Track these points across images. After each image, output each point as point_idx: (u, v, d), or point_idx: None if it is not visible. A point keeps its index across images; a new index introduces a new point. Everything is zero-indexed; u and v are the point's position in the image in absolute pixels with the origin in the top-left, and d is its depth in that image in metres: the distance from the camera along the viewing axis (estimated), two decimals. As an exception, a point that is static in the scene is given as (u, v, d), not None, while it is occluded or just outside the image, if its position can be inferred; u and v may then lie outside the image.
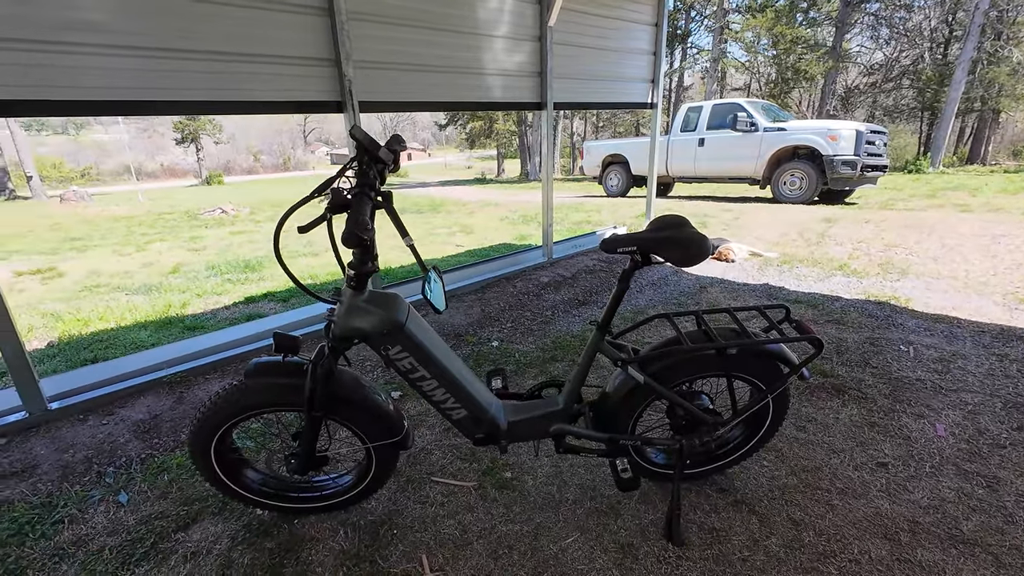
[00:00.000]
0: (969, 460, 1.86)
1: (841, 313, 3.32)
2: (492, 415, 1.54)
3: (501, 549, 1.55)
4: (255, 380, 1.40)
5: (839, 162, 7.74)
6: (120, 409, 2.37)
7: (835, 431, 2.07)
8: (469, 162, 47.98)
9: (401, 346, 1.34)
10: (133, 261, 6.39)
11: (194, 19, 2.43)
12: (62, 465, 2.00)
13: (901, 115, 23.73)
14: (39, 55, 2.10)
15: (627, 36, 4.75)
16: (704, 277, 4.29)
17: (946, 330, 2.99)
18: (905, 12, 20.25)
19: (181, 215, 11.66)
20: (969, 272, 4.08)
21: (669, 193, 11.16)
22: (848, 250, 4.95)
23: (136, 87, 2.35)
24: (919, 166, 14.09)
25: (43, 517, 1.72)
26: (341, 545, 1.57)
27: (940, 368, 2.54)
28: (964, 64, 15.64)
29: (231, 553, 1.56)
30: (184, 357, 2.73)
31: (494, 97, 3.85)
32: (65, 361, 3.08)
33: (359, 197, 1.10)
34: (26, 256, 7.02)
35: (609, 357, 1.50)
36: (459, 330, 3.25)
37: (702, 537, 1.56)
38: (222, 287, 4.77)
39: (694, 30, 26.27)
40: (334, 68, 2.88)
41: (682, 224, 1.35)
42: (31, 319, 3.95)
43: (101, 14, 2.21)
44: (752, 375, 1.54)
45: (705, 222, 6.67)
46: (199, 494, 1.81)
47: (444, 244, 6.50)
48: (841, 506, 1.66)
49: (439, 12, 3.31)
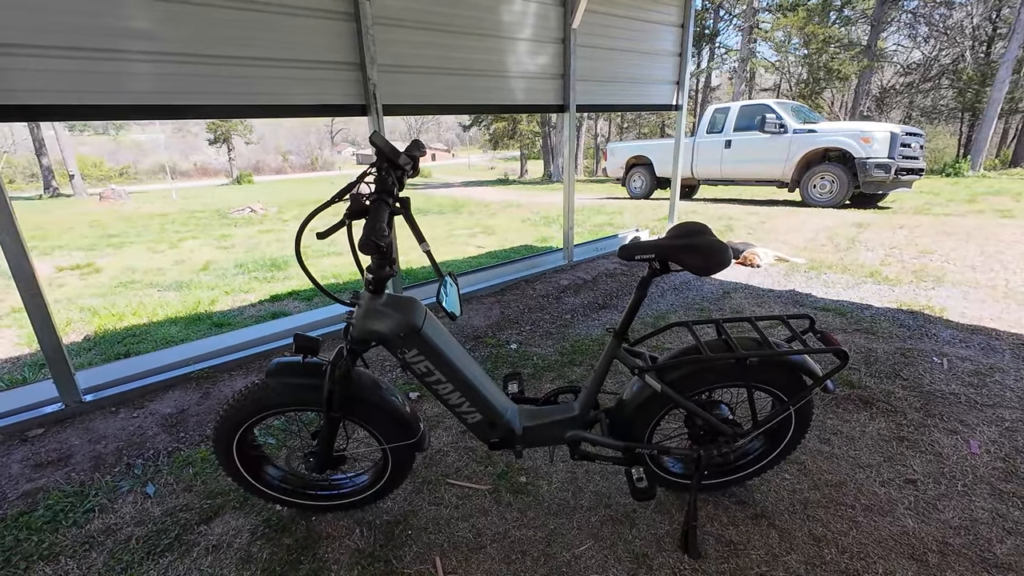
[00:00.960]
0: (1005, 480, 1.78)
1: (871, 322, 3.21)
2: (507, 420, 1.54)
3: (514, 554, 1.55)
4: (276, 380, 1.43)
5: (872, 165, 7.50)
6: (150, 403, 2.46)
7: (861, 445, 2.00)
8: (492, 163, 48.11)
9: (418, 350, 1.36)
10: (166, 258, 6.61)
11: (227, 26, 2.50)
12: (94, 456, 2.08)
13: (940, 116, 22.84)
14: (89, 62, 2.21)
15: (652, 37, 4.69)
16: (728, 283, 4.21)
17: (983, 342, 2.87)
18: (945, 9, 19.49)
19: (212, 213, 12.00)
20: (1009, 281, 3.90)
21: (694, 196, 10.99)
22: (880, 256, 4.79)
23: (174, 92, 2.45)
24: (958, 169, 13.54)
25: (75, 506, 1.79)
26: (357, 544, 1.60)
27: (976, 382, 2.44)
28: (1009, 63, 14.95)
29: (251, 547, 1.60)
30: (211, 353, 2.81)
31: (517, 99, 3.86)
32: (100, 354, 3.20)
33: (377, 204, 1.11)
34: (67, 252, 7.32)
35: (626, 365, 1.49)
36: (478, 332, 3.26)
37: (719, 550, 1.53)
38: (249, 285, 4.90)
39: (722, 29, 25.83)
40: (359, 72, 2.93)
41: (702, 231, 1.33)
42: (69, 313, 4.13)
43: (144, 23, 2.31)
44: (774, 386, 1.50)
45: (730, 225, 6.55)
46: (222, 488, 1.86)
47: (465, 245, 6.54)
48: (866, 523, 1.61)
49: (462, 15, 3.33)
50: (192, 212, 12.59)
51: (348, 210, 1.11)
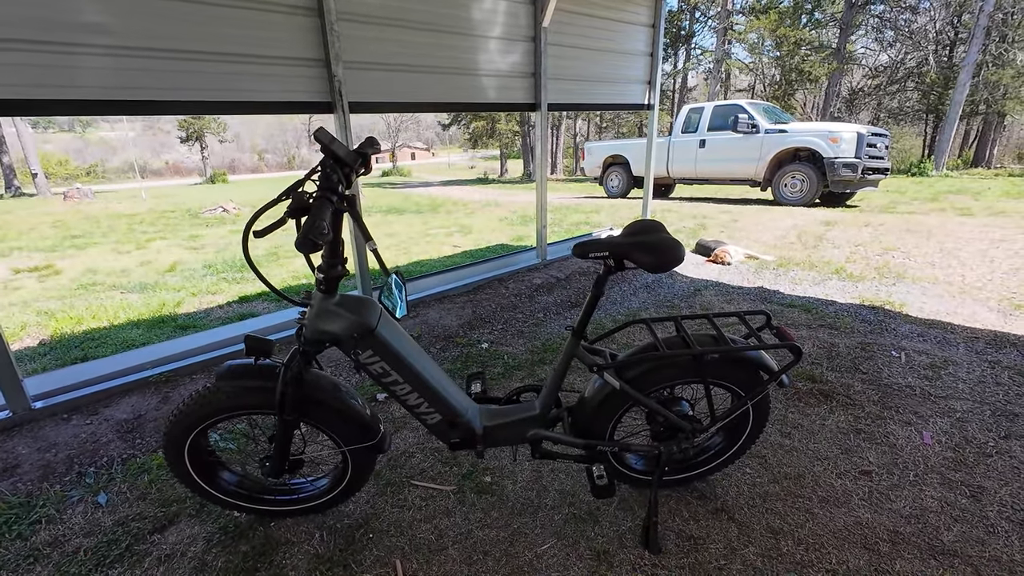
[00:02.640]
0: (954, 469, 1.84)
1: (834, 318, 3.29)
2: (467, 420, 1.53)
3: (476, 555, 1.54)
4: (226, 383, 1.39)
5: (840, 164, 7.70)
6: (105, 408, 2.37)
7: (820, 438, 2.04)
8: (472, 162, 47.98)
9: (372, 350, 1.33)
10: (131, 259, 6.41)
11: (185, 21, 2.43)
12: (43, 465, 1.99)
13: (906, 118, 23.59)
14: (45, 55, 2.13)
15: (623, 37, 4.72)
16: (699, 280, 4.26)
17: (939, 336, 2.97)
18: (910, 14, 20.13)
19: (183, 213, 11.68)
20: (965, 277, 4.04)
21: (670, 195, 11.13)
22: (846, 253, 4.92)
23: (134, 87, 2.37)
24: (923, 169, 14.01)
25: (21, 517, 1.72)
26: (316, 549, 1.57)
27: (931, 374, 2.51)
28: (969, 67, 15.53)
29: (205, 556, 1.55)
30: (171, 357, 2.73)
31: (488, 98, 3.84)
32: (55, 360, 3.08)
33: (319, 201, 1.09)
34: (26, 253, 7.04)
35: (584, 363, 1.49)
36: (449, 332, 3.24)
37: (679, 545, 1.54)
38: (217, 286, 4.78)
39: (698, 31, 26.20)
40: (323, 68, 2.87)
41: (655, 228, 1.34)
42: (25, 317, 3.96)
43: (102, 16, 2.23)
44: (731, 382, 1.52)
45: (704, 224, 6.65)
46: (178, 496, 1.81)
47: (441, 244, 6.50)
48: (822, 515, 1.65)
49: (430, 12, 3.30)
50: (162, 212, 12.24)
51: (288, 208, 1.08)
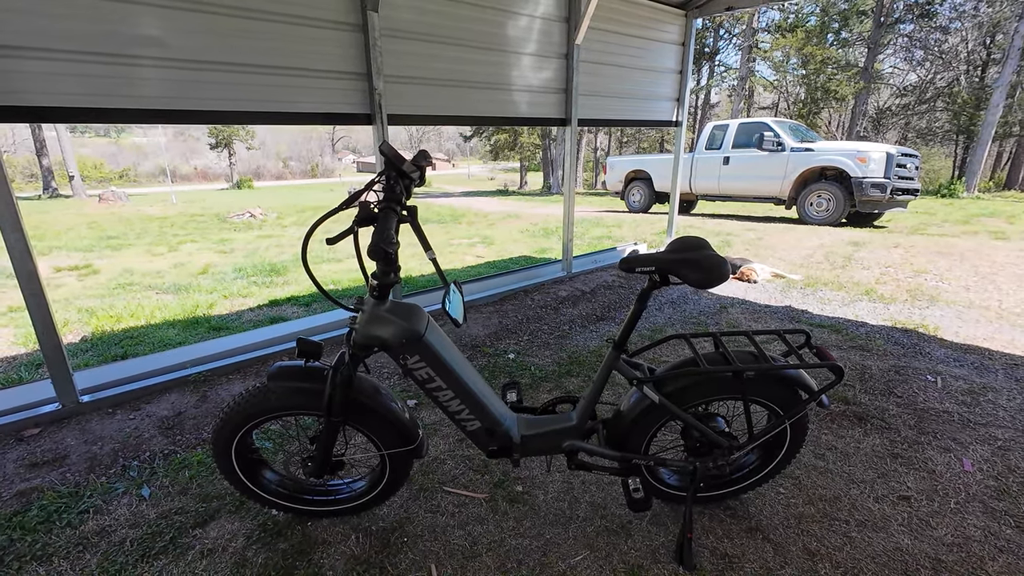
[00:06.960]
0: (997, 498, 1.80)
1: (866, 339, 3.24)
2: (506, 428, 1.55)
3: (510, 563, 1.55)
4: (277, 383, 1.44)
5: (868, 184, 7.60)
6: (146, 405, 2.45)
7: (856, 461, 2.02)
8: (492, 174, 48.39)
9: (419, 356, 1.37)
10: (165, 261, 6.61)
11: (237, 35, 2.54)
12: (90, 457, 2.07)
13: (935, 138, 23.19)
14: (100, 66, 2.25)
15: (653, 55, 4.77)
16: (725, 297, 4.24)
17: (976, 361, 2.90)
18: (940, 34, 19.87)
19: (211, 217, 12.01)
20: (1003, 302, 3.94)
21: (692, 211, 11.08)
22: (875, 275, 4.84)
23: (182, 97, 2.49)
24: (953, 191, 13.72)
25: (70, 506, 1.79)
26: (352, 550, 1.59)
27: (969, 400, 2.46)
28: (1003, 87, 15.23)
29: (246, 552, 1.59)
30: (208, 357, 2.81)
31: (519, 112, 3.91)
32: (97, 356, 3.20)
33: (386, 211, 1.13)
34: (65, 252, 7.31)
35: (624, 376, 1.50)
36: (476, 341, 3.27)
37: (713, 562, 1.54)
38: (247, 289, 4.90)
39: (722, 48, 26.21)
40: (365, 82, 2.97)
41: (702, 246, 1.36)
42: (67, 314, 4.12)
43: (155, 31, 2.35)
44: (770, 400, 1.52)
45: (728, 241, 6.61)
46: (217, 492, 1.86)
47: (464, 255, 6.57)
48: (859, 539, 1.62)
49: (469, 29, 3.39)
50: (191, 215, 12.60)
51: (357, 217, 1.13)
